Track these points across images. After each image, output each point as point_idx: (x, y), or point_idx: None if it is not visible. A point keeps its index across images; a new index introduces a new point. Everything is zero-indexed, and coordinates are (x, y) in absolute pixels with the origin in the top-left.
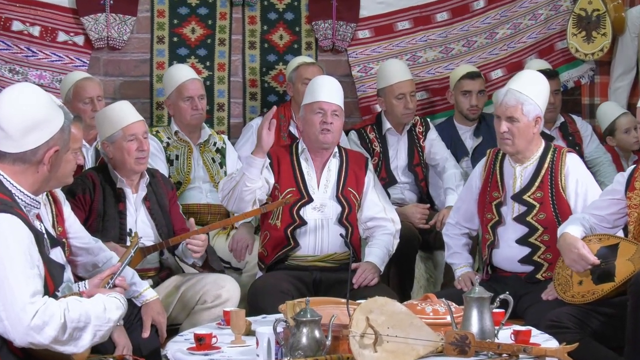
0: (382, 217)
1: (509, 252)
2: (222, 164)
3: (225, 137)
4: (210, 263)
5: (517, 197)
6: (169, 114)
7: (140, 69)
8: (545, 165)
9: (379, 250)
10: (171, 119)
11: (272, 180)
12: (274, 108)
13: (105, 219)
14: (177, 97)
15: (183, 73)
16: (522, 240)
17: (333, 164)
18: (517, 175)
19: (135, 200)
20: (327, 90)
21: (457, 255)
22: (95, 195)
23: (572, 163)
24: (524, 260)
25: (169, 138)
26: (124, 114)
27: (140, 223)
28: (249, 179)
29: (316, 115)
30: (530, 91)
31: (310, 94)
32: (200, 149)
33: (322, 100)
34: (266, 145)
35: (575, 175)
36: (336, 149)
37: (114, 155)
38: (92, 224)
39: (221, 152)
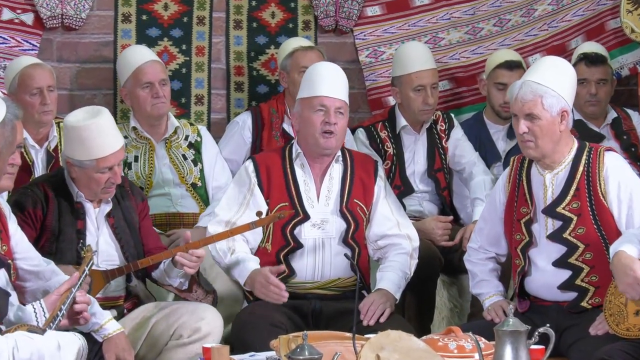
0: (395, 234)
1: (545, 278)
2: (197, 161)
3: (203, 128)
4: (198, 281)
5: (550, 211)
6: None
7: (102, 53)
8: (580, 168)
9: (393, 274)
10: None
11: (264, 208)
12: (282, 267)
13: (60, 239)
14: (134, 84)
15: (139, 55)
16: (560, 262)
17: (335, 170)
18: (548, 184)
19: (97, 216)
20: (329, 82)
21: (484, 284)
22: (49, 210)
23: (612, 163)
24: (564, 286)
25: (125, 137)
26: (101, 141)
27: (103, 244)
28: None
29: (316, 114)
30: (550, 80)
31: (309, 85)
32: (166, 146)
33: (323, 95)
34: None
35: (617, 177)
36: (339, 152)
37: (78, 176)
38: (45, 245)
39: (195, 146)
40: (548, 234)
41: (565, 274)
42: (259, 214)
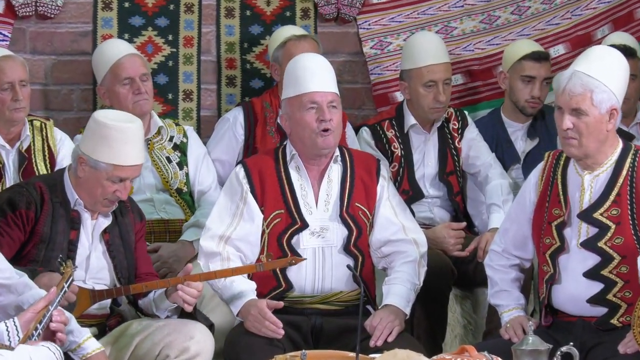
0: (400, 239)
1: (574, 289)
2: (182, 164)
3: (189, 128)
4: (195, 315)
5: (586, 216)
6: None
7: (80, 44)
8: (624, 172)
9: (400, 287)
10: None
11: (259, 217)
12: (280, 304)
13: (49, 247)
14: (113, 80)
15: (116, 49)
16: (592, 274)
17: (334, 172)
18: (586, 186)
19: (94, 230)
20: (316, 75)
21: (504, 295)
22: (42, 213)
23: None
24: (594, 300)
25: None
26: (127, 149)
27: (94, 260)
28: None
29: (308, 113)
30: (603, 74)
31: (294, 82)
32: (149, 147)
33: (312, 91)
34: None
35: None
36: (337, 151)
37: (85, 177)
38: (31, 251)
39: (181, 148)
40: (581, 241)
41: (596, 287)
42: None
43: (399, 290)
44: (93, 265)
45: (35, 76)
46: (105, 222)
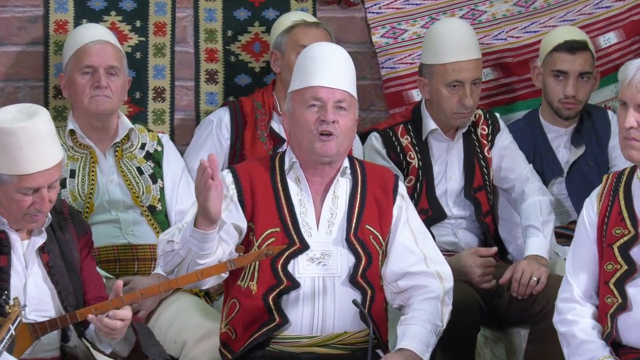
0: (421, 272)
1: None
2: (156, 177)
3: (164, 135)
4: (144, 350)
5: None
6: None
7: (29, 32)
8: None
9: (419, 328)
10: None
11: (243, 225)
12: (213, 158)
13: None
14: (73, 67)
15: (87, 33)
16: None
17: (341, 187)
18: None
19: (26, 251)
20: (326, 67)
21: (590, 347)
22: None
23: None
24: None
25: (62, 144)
26: (30, 153)
27: (32, 287)
28: (201, 255)
29: (309, 110)
30: None
31: (301, 74)
32: (116, 155)
33: (317, 85)
34: (216, 215)
35: None
36: (346, 162)
37: None
38: None
39: (154, 158)
40: None
41: None
42: (239, 249)
43: (417, 331)
44: (32, 295)
45: None
46: (39, 240)
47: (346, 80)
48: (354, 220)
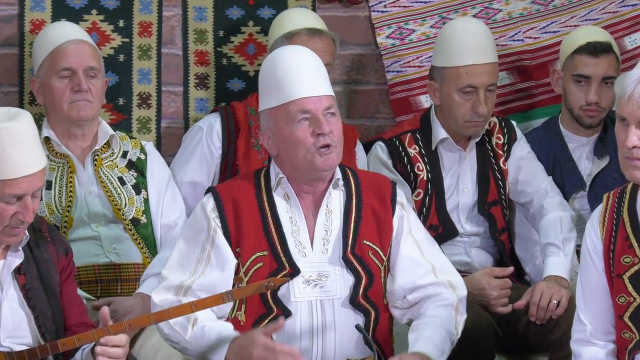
0: (431, 283)
1: None
2: (140, 188)
3: (148, 143)
4: None
5: None
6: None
7: (2, 33)
8: None
9: (433, 332)
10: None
11: (232, 262)
12: (281, 323)
13: None
14: (48, 70)
15: (62, 32)
16: None
17: (334, 200)
18: None
19: (2, 272)
20: (305, 74)
21: None
22: None
23: None
24: None
25: None
26: (13, 156)
27: (8, 312)
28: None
29: (299, 126)
30: None
31: (275, 88)
32: (95, 164)
33: (302, 97)
34: None
35: None
36: (338, 173)
37: None
38: None
39: (137, 167)
40: None
41: None
42: (238, 280)
43: (432, 336)
44: (7, 320)
45: None
46: (16, 260)
47: (325, 82)
48: (351, 236)
